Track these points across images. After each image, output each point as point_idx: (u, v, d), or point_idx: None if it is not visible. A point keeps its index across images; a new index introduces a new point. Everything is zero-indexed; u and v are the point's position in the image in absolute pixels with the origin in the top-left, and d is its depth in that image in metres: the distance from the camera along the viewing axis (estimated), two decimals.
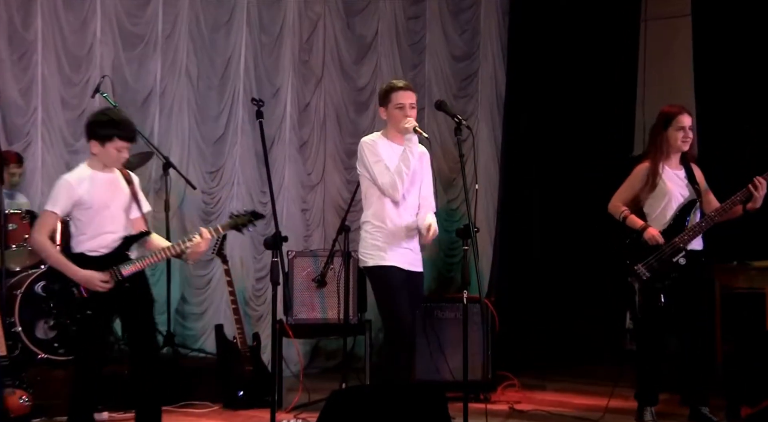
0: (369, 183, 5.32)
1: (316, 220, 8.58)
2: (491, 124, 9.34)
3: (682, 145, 5.74)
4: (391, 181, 5.21)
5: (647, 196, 5.77)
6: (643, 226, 5.71)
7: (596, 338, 8.34)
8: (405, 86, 5.36)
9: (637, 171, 5.82)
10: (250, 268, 8.12)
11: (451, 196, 9.13)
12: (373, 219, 5.32)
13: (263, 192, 8.08)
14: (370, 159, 5.26)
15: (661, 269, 5.68)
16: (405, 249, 5.34)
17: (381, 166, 5.24)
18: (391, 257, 5.27)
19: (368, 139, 5.36)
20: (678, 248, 5.66)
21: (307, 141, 8.57)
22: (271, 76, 8.33)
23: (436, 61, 9.21)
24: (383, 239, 5.28)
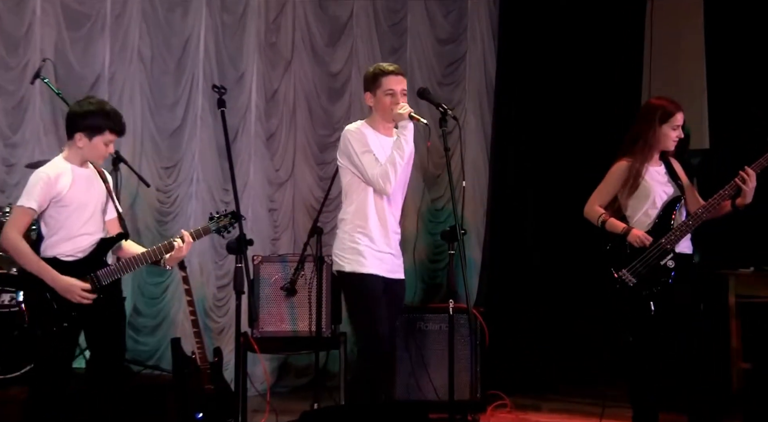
0: (352, 176, 5.30)
1: (285, 221, 8.56)
2: (480, 114, 9.35)
3: (672, 144, 5.77)
4: (383, 171, 5.20)
5: (628, 197, 5.78)
6: (626, 229, 5.72)
7: (598, 353, 8.30)
8: (396, 70, 5.38)
9: (615, 170, 5.83)
10: (211, 275, 8.10)
11: (435, 195, 9.13)
12: (354, 216, 5.30)
13: (225, 190, 8.06)
14: (358, 149, 5.25)
15: (648, 274, 5.66)
16: (386, 255, 5.33)
17: (370, 156, 5.24)
18: (371, 263, 5.26)
19: (354, 128, 5.35)
20: (665, 250, 5.67)
21: (274, 133, 8.55)
22: (234, 60, 8.30)
23: (419, 45, 9.22)
24: (364, 241, 5.27)
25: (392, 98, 5.30)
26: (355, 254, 5.25)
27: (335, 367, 7.30)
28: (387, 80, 5.32)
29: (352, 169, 5.29)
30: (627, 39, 8.71)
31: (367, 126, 5.37)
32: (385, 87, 5.31)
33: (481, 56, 9.37)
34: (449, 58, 9.35)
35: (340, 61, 8.85)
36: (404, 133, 5.27)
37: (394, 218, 5.36)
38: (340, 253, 5.32)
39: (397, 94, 5.31)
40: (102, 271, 4.87)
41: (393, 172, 5.20)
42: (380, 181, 5.20)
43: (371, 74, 5.38)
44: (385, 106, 5.31)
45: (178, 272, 6.88)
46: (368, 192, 5.27)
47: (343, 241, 5.32)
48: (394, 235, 5.35)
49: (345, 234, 5.33)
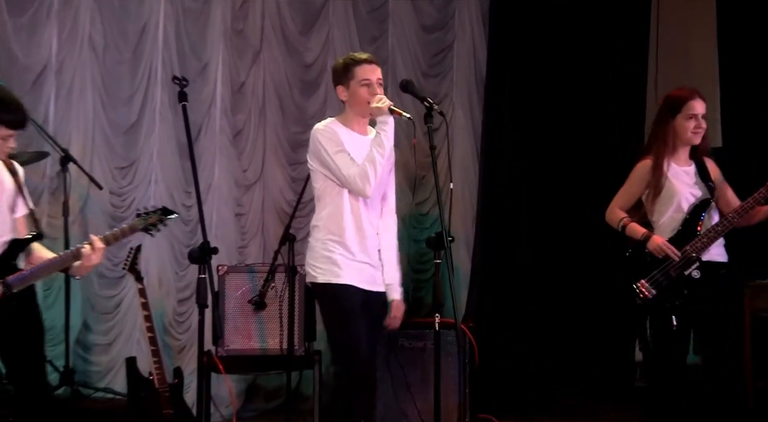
0: (325, 180, 5.28)
1: (254, 227, 8.53)
2: (469, 110, 9.34)
3: (692, 136, 5.75)
4: (361, 171, 5.16)
5: (653, 200, 5.79)
6: (646, 235, 5.73)
7: (599, 373, 8.32)
8: (370, 58, 5.36)
9: (637, 170, 5.84)
10: (171, 287, 8.06)
11: (420, 198, 9.12)
12: (328, 222, 5.27)
13: (187, 192, 8.04)
14: (330, 149, 5.21)
15: (670, 285, 5.66)
16: (363, 264, 5.30)
17: (344, 156, 5.21)
18: (347, 273, 5.23)
19: (324, 126, 5.31)
20: (690, 258, 5.66)
21: (242, 130, 8.52)
22: (196, 49, 8.26)
23: (402, 32, 9.21)
24: (338, 249, 5.24)
25: (369, 89, 5.28)
26: (328, 263, 5.22)
27: (309, 389, 7.26)
28: (361, 69, 5.29)
29: (325, 172, 5.27)
30: (631, 29, 8.72)
31: (338, 123, 5.35)
32: (359, 77, 5.28)
33: (470, 45, 9.35)
34: (435, 47, 9.34)
35: (315, 50, 8.82)
36: (384, 129, 5.23)
37: (372, 224, 5.32)
38: (313, 263, 5.28)
39: (373, 85, 5.29)
40: (13, 277, 4.74)
41: (373, 172, 5.17)
42: (358, 182, 5.17)
43: (342, 65, 5.35)
44: (361, 99, 5.28)
45: (133, 284, 6.82)
46: (343, 195, 5.25)
47: (316, 250, 5.28)
48: (372, 243, 5.32)
49: (317, 242, 5.29)
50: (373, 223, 5.35)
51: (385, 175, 5.36)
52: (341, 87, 5.34)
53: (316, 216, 5.36)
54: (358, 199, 5.25)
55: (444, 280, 5.68)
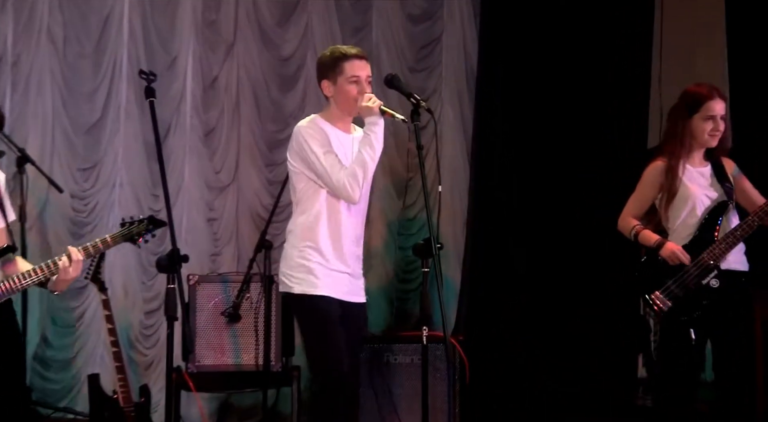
0: (308, 182, 5.25)
1: (227, 234, 8.52)
2: (459, 106, 9.34)
3: (709, 139, 5.77)
4: (351, 175, 5.15)
5: (666, 205, 5.80)
6: (659, 242, 5.73)
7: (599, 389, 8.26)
8: (360, 53, 5.33)
9: (648, 173, 5.86)
10: (138, 298, 8.05)
11: (406, 202, 9.12)
12: (304, 228, 5.25)
13: (155, 196, 8.03)
14: (317, 149, 5.19)
15: (687, 296, 5.65)
16: (342, 274, 5.28)
17: (333, 158, 5.19)
18: (324, 283, 5.22)
19: (309, 123, 5.27)
20: (707, 266, 5.66)
21: (214, 128, 8.51)
22: (165, 42, 8.25)
23: (386, 23, 9.20)
24: (314, 257, 5.22)
25: (358, 87, 5.26)
26: (304, 272, 5.21)
27: (287, 407, 7.24)
28: (350, 65, 5.27)
29: (308, 174, 5.23)
30: (633, 22, 8.68)
31: (323, 121, 5.32)
32: (348, 73, 5.26)
33: (459, 37, 9.34)
34: (422, 40, 9.33)
35: (292, 42, 8.81)
36: (374, 130, 5.21)
37: (354, 231, 5.31)
38: (288, 272, 5.27)
39: (362, 82, 5.27)
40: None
41: (362, 176, 5.17)
42: (347, 187, 5.15)
43: (329, 58, 5.31)
44: (349, 97, 5.26)
45: (96, 294, 6.76)
46: (321, 198, 5.24)
47: (291, 258, 5.26)
48: (351, 251, 5.30)
49: (293, 249, 5.27)
50: (356, 230, 5.33)
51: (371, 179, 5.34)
52: (327, 82, 5.31)
53: (292, 220, 5.33)
54: (339, 202, 5.23)
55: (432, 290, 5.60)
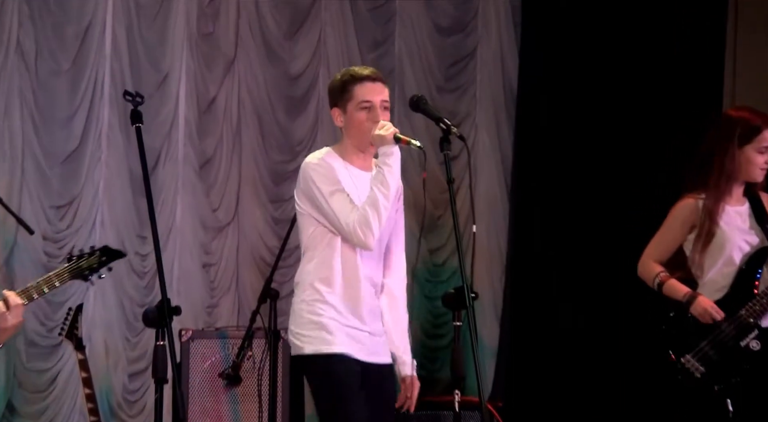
0: (317, 226, 5.20)
1: (226, 281, 8.52)
2: (496, 133, 9.37)
3: (760, 173, 5.77)
4: (362, 218, 5.07)
5: (700, 250, 5.78)
6: (690, 295, 5.72)
7: None
8: (373, 75, 5.24)
9: (678, 211, 5.90)
10: (121, 357, 8.01)
11: (434, 244, 9.12)
12: (314, 278, 5.19)
13: (142, 237, 8.04)
14: (324, 188, 5.12)
15: (722, 360, 5.62)
16: (361, 333, 5.21)
17: (342, 197, 5.12)
18: (340, 339, 5.14)
19: (317, 160, 5.21)
20: (746, 324, 5.65)
21: (211, 158, 8.51)
22: (154, 57, 8.26)
23: (411, 35, 9.21)
24: (328, 312, 5.15)
25: (369, 113, 5.18)
26: (316, 329, 5.14)
27: None
28: (361, 89, 5.20)
29: (317, 217, 5.17)
30: (702, 32, 8.63)
31: (334, 155, 5.25)
32: (358, 98, 5.19)
33: (496, 51, 9.37)
34: (453, 54, 9.35)
35: (303, 58, 8.83)
36: (387, 163, 5.12)
37: (372, 281, 5.25)
38: (297, 330, 5.20)
39: (375, 108, 5.18)
40: None
41: (376, 219, 5.07)
42: (359, 232, 5.07)
43: (339, 82, 5.26)
44: (359, 126, 5.19)
45: (72, 353, 6.71)
46: (333, 244, 5.18)
47: (301, 313, 5.19)
48: (370, 305, 5.24)
49: (302, 303, 5.20)
50: (374, 280, 5.26)
51: (391, 218, 5.26)
52: (337, 109, 5.25)
53: (300, 269, 5.25)
54: (354, 250, 5.16)
55: (466, 348, 5.56)
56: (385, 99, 5.21)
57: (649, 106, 8.72)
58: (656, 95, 8.70)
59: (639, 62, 8.78)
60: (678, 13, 8.64)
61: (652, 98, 8.71)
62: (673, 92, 8.64)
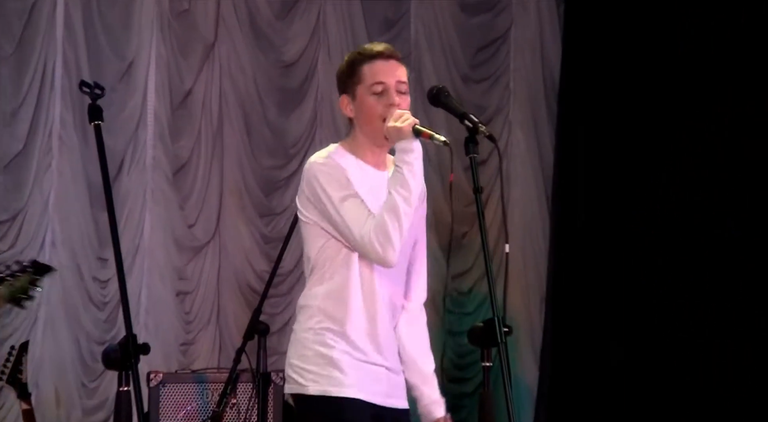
0: (326, 239, 5.12)
1: (205, 313, 8.50)
2: (534, 132, 9.39)
3: None
4: (379, 227, 4.98)
5: None
6: None
7: None
8: (387, 52, 5.16)
9: None
10: (75, 407, 7.98)
11: (459, 268, 9.13)
12: (326, 304, 5.10)
13: (101, 260, 8.03)
14: (334, 193, 5.04)
15: None
16: (378, 368, 5.13)
17: (355, 204, 5.03)
18: (354, 380, 5.05)
19: (324, 159, 5.12)
20: None
21: (186, 163, 8.52)
22: (116, 41, 8.26)
23: (431, 14, 9.22)
24: (340, 345, 5.07)
25: (382, 98, 5.07)
26: (325, 365, 5.04)
27: None
28: (372, 68, 5.10)
29: (325, 226, 5.08)
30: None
31: (344, 152, 5.15)
32: (369, 80, 5.09)
33: (535, 33, 9.39)
34: (481, 37, 9.35)
35: (299, 42, 8.83)
36: (407, 160, 5.00)
37: (393, 308, 5.17)
38: (301, 364, 5.08)
39: (389, 91, 5.08)
40: None
41: (396, 229, 4.97)
42: (376, 246, 4.97)
43: (346, 64, 5.19)
44: (371, 114, 5.08)
45: (15, 402, 6.74)
46: (352, 263, 5.09)
47: (305, 344, 5.08)
48: (389, 336, 5.16)
49: (308, 332, 5.09)
50: (394, 303, 5.19)
51: (413, 226, 5.18)
52: (345, 97, 5.16)
53: (306, 292, 5.15)
54: (372, 267, 5.08)
55: (497, 392, 5.58)
56: (401, 80, 5.12)
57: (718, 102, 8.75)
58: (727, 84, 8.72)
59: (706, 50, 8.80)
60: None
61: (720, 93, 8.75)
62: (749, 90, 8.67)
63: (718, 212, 8.56)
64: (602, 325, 9.04)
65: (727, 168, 8.61)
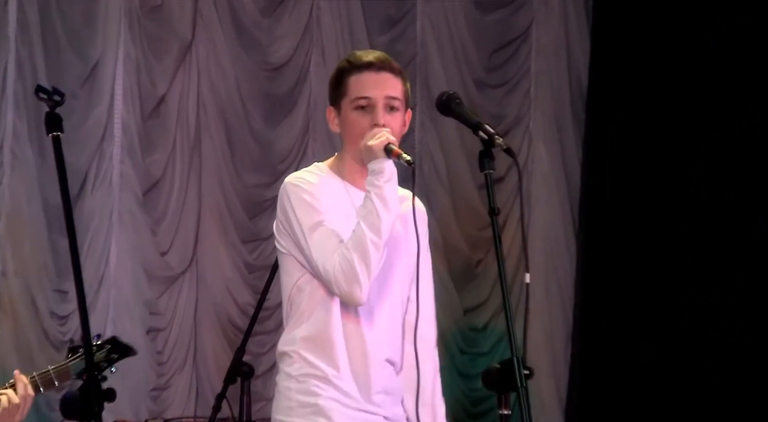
0: (299, 268, 5.12)
1: (180, 353, 8.49)
2: (558, 145, 9.39)
3: None
4: (345, 262, 4.97)
5: None
6: None
7: None
8: (377, 62, 5.16)
9: None
10: None
11: (472, 301, 9.11)
12: (308, 346, 5.08)
13: (61, 293, 7.99)
14: (305, 218, 5.04)
15: None
16: (374, 417, 5.11)
17: (325, 233, 5.03)
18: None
19: (299, 178, 5.13)
20: None
21: (160, 181, 8.51)
22: (78, 41, 8.23)
23: (440, 10, 9.22)
24: (327, 391, 5.05)
25: (366, 115, 5.09)
26: (311, 415, 5.05)
27: None
28: (358, 81, 5.12)
29: (298, 257, 5.10)
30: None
31: (327, 172, 5.18)
32: (354, 93, 5.12)
33: (560, 32, 9.39)
34: (498, 37, 9.35)
35: (288, 43, 8.84)
36: (376, 183, 5.02)
37: (385, 347, 5.12)
38: (284, 419, 5.09)
39: (376, 108, 5.09)
40: None
41: (362, 265, 4.97)
42: (340, 282, 4.98)
43: (335, 71, 5.22)
44: (353, 132, 5.11)
45: None
46: (332, 302, 5.07)
47: (288, 395, 5.06)
48: (384, 380, 5.13)
49: (290, 380, 5.07)
50: (390, 345, 5.16)
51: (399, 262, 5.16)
52: (332, 110, 5.19)
53: (285, 335, 5.14)
54: (356, 310, 5.08)
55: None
56: (392, 95, 5.12)
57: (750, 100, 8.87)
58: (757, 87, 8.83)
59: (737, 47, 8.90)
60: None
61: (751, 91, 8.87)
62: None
63: (750, 210, 8.74)
64: (638, 367, 9.05)
65: (759, 166, 8.79)
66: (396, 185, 4.98)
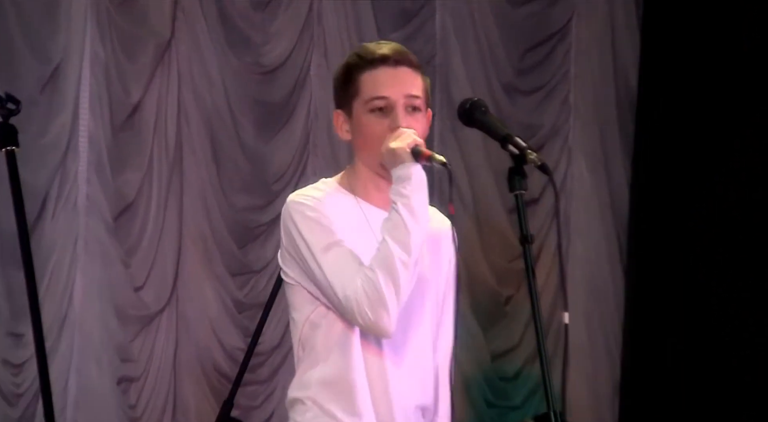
0: (312, 300, 5.10)
1: (157, 407, 8.47)
2: (602, 162, 9.42)
3: None
4: (370, 286, 4.94)
5: None
6: None
7: None
8: (393, 55, 5.15)
9: None
10: None
11: (501, 345, 9.13)
12: (324, 391, 5.07)
13: (15, 336, 7.95)
14: (315, 241, 5.03)
15: None
16: None
17: (341, 254, 5.02)
18: None
19: (303, 195, 5.13)
20: None
21: (133, 204, 8.48)
22: (37, 40, 8.22)
23: (463, 4, 9.25)
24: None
25: (384, 118, 5.07)
26: None
27: None
28: (373, 78, 5.12)
29: (308, 287, 5.07)
30: None
31: (339, 189, 5.18)
32: (368, 93, 5.11)
33: (604, 26, 9.43)
34: (533, 33, 9.38)
35: (283, 41, 8.84)
36: (403, 192, 4.99)
37: (415, 389, 5.09)
38: None
39: (396, 109, 5.08)
40: None
41: (391, 288, 4.94)
42: (364, 308, 4.95)
43: (342, 68, 5.21)
44: (369, 138, 5.11)
45: None
46: (352, 338, 5.04)
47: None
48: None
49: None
50: (420, 386, 5.13)
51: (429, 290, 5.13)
52: (340, 114, 5.19)
53: (297, 380, 5.13)
54: (380, 342, 5.04)
55: None
56: (413, 93, 5.10)
57: None
58: None
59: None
60: None
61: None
62: None
63: None
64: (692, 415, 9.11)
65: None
66: (426, 194, 4.95)
